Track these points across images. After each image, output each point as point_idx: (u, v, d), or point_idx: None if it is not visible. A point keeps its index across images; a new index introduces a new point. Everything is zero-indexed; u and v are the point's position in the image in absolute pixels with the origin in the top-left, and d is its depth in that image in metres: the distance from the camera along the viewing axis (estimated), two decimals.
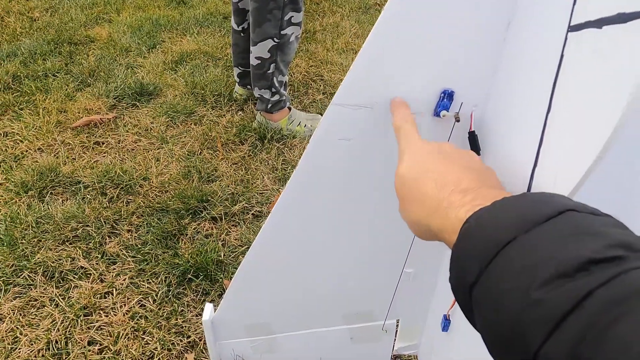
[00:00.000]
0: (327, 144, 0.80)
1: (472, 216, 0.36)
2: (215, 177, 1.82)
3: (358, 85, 0.76)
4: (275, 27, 1.83)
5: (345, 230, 0.91)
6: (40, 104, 2.14)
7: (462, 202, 0.39)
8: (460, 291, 0.35)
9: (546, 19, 0.60)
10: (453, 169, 0.45)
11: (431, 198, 0.43)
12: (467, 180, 0.42)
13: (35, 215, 1.60)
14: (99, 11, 3.01)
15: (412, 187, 0.46)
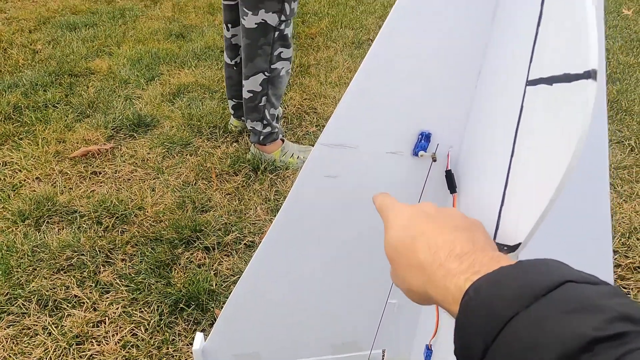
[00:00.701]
0: (314, 181, 0.86)
1: (471, 288, 0.35)
2: (209, 207, 1.86)
3: (343, 127, 0.82)
4: (266, 61, 1.90)
5: (332, 262, 0.95)
6: (40, 134, 2.19)
7: (460, 269, 0.38)
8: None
9: (509, 72, 0.66)
10: (442, 231, 0.44)
11: (426, 265, 0.42)
12: (460, 244, 0.41)
13: (31, 244, 1.63)
14: (100, 44, 3.11)
15: (404, 253, 0.45)
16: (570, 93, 0.50)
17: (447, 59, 0.76)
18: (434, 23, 0.73)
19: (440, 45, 0.75)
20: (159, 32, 3.31)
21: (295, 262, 0.95)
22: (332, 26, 3.61)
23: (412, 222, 0.47)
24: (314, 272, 0.97)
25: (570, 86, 0.50)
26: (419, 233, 0.45)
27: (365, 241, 0.92)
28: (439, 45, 0.75)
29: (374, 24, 3.69)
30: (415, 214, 0.49)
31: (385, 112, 0.81)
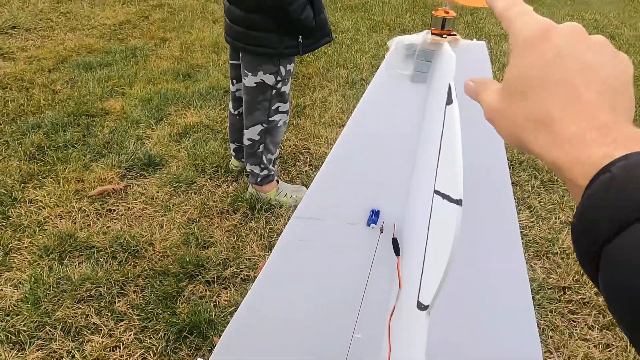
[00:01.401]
0: (291, 245, 1.10)
1: (614, 164, 0.31)
2: (210, 243, 2.11)
3: (313, 204, 1.07)
4: (264, 114, 2.17)
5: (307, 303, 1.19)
6: (61, 174, 2.46)
7: (602, 141, 0.33)
8: (585, 243, 0.31)
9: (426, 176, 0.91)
10: (589, 85, 0.35)
11: (557, 125, 0.35)
12: (606, 112, 0.34)
13: (56, 276, 1.88)
14: (114, 84, 3.39)
15: (531, 100, 0.37)
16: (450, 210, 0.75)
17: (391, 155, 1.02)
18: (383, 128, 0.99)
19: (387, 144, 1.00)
20: (167, 72, 3.60)
21: (279, 303, 1.20)
22: (328, 66, 3.89)
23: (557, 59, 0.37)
24: (295, 312, 1.21)
25: (451, 205, 0.75)
26: (560, 80, 0.36)
27: (332, 288, 1.17)
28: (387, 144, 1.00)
29: (367, 63, 3.97)
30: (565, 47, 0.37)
31: (346, 193, 1.06)
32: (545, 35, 0.38)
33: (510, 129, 0.39)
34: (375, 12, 5.19)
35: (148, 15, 4.75)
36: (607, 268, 0.30)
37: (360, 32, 4.64)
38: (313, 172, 2.63)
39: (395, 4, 5.49)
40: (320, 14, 2.00)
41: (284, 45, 1.98)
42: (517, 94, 0.38)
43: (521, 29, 0.39)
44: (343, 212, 1.07)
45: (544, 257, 2.15)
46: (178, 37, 4.26)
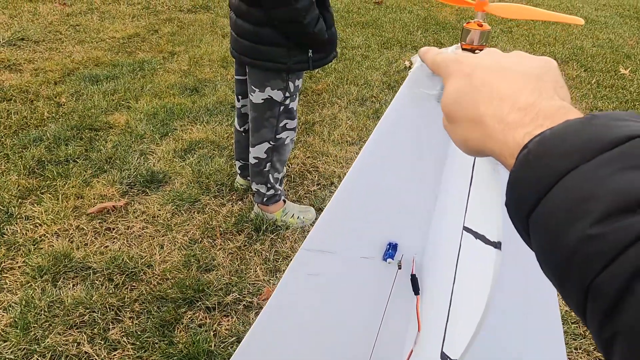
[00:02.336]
0: (299, 279, 1.00)
1: (531, 141, 0.33)
2: (212, 266, 2.00)
3: (323, 235, 0.96)
4: (272, 132, 2.07)
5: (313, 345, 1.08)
6: (60, 189, 2.37)
7: (522, 122, 0.36)
8: (516, 217, 0.34)
9: (454, 211, 0.80)
10: (507, 79, 0.40)
11: (485, 118, 0.39)
12: (525, 94, 0.38)
13: (48, 299, 1.78)
14: (119, 97, 3.33)
15: (464, 106, 0.42)
16: (485, 253, 0.64)
17: (411, 184, 0.91)
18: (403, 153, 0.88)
19: (407, 171, 0.90)
20: (174, 87, 3.53)
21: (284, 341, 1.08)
22: (338, 82, 3.81)
23: (476, 70, 0.43)
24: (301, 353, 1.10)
25: (486, 247, 0.65)
26: (481, 83, 0.42)
27: (343, 328, 1.05)
28: (406, 171, 0.90)
29: (378, 80, 3.89)
30: (480, 62, 0.44)
31: (360, 225, 0.95)
32: (459, 59, 0.46)
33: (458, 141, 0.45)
34: (386, 29, 5.13)
35: (157, 29, 4.71)
36: (534, 236, 0.32)
37: (371, 48, 4.57)
38: (321, 192, 2.53)
39: (406, 21, 5.43)
40: (331, 27, 1.92)
41: (293, 60, 1.90)
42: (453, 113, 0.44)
43: (444, 64, 0.48)
44: (357, 245, 0.96)
45: None
46: (187, 51, 4.21)
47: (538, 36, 5.31)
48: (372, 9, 5.84)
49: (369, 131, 3.12)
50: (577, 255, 0.28)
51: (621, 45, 5.25)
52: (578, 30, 5.62)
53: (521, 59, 0.43)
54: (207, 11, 5.36)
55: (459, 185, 0.77)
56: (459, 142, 0.45)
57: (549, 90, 0.39)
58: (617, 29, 5.77)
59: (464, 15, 5.68)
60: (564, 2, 6.76)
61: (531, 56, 0.43)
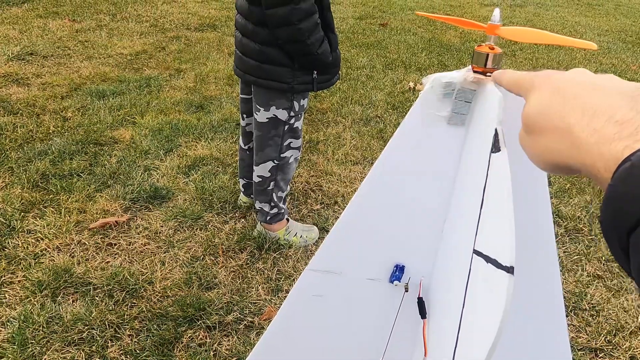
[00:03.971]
0: (303, 300, 0.98)
1: (634, 154, 0.32)
2: (214, 284, 1.98)
3: (329, 256, 0.95)
4: (276, 151, 2.07)
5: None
6: (63, 204, 2.36)
7: (620, 135, 0.34)
8: (614, 234, 0.32)
9: (463, 234, 0.79)
10: (602, 94, 0.39)
11: (576, 130, 0.37)
12: (622, 110, 0.36)
13: (47, 315, 1.76)
14: (125, 113, 3.34)
15: (551, 117, 0.41)
16: (497, 278, 0.63)
17: (419, 206, 0.90)
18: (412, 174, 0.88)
19: (415, 193, 0.89)
20: (180, 103, 3.56)
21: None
22: (342, 101, 3.83)
23: (566, 84, 0.42)
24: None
25: (498, 272, 0.63)
26: (573, 96, 0.40)
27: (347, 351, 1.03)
28: (414, 193, 0.89)
29: (383, 101, 3.91)
30: (569, 77, 0.43)
31: (366, 246, 0.94)
32: (549, 73, 0.46)
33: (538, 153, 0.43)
34: (390, 50, 5.18)
35: (165, 46, 4.77)
36: (635, 256, 0.30)
37: (375, 69, 4.61)
38: (325, 211, 2.52)
39: (411, 42, 5.49)
40: (335, 49, 1.94)
41: (297, 81, 1.91)
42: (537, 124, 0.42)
43: (529, 79, 0.47)
44: (363, 266, 0.95)
45: (571, 314, 1.99)
46: (193, 69, 4.25)
47: (542, 60, 5.35)
48: (377, 30, 5.91)
49: (373, 151, 3.12)
50: None
51: (624, 70, 5.28)
52: (581, 55, 5.67)
53: (613, 78, 0.42)
54: (214, 30, 5.43)
55: (469, 207, 0.76)
56: (538, 154, 0.43)
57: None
58: (620, 54, 5.81)
59: (468, 38, 5.74)
60: (567, 28, 6.84)
61: (624, 80, 0.42)
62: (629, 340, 1.87)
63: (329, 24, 1.88)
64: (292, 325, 1.02)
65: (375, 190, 0.89)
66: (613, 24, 7.30)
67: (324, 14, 1.84)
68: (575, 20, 7.31)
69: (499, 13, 0.72)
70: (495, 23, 0.72)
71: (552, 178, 2.94)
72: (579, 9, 8.18)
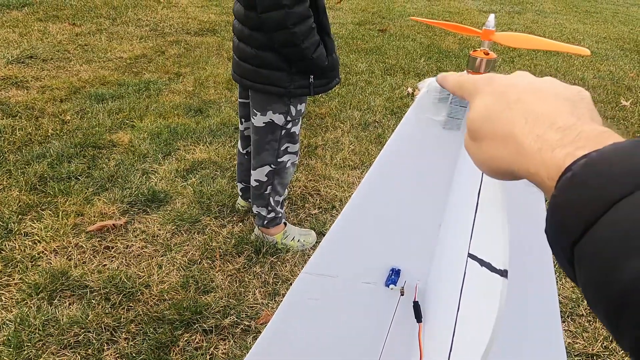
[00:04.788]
0: (299, 303, 0.98)
1: (575, 163, 0.31)
2: (210, 288, 1.98)
3: (325, 259, 0.95)
4: (273, 155, 2.08)
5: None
6: (61, 207, 2.36)
7: (562, 142, 0.33)
8: (557, 245, 0.31)
9: (457, 238, 0.79)
10: (542, 99, 0.38)
11: (520, 137, 0.37)
12: (563, 116, 0.36)
13: (43, 318, 1.75)
14: (124, 116, 3.35)
15: (495, 122, 0.40)
16: (491, 281, 0.63)
17: (415, 209, 0.90)
18: (408, 178, 0.88)
19: (410, 197, 0.89)
20: (179, 107, 3.56)
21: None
22: (341, 106, 3.84)
23: (509, 89, 0.41)
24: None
25: (492, 275, 0.64)
26: (515, 100, 0.40)
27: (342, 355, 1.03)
28: (410, 197, 0.89)
29: (381, 106, 3.92)
30: (511, 81, 0.43)
31: (363, 248, 0.94)
32: (491, 77, 0.45)
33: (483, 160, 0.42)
34: (389, 56, 5.20)
35: (164, 51, 4.78)
36: (580, 267, 0.29)
37: (374, 74, 4.62)
38: (322, 215, 2.52)
39: (409, 48, 5.51)
40: (332, 53, 1.94)
41: (294, 85, 1.91)
42: (481, 130, 0.42)
43: (471, 82, 0.46)
44: (359, 270, 0.95)
45: (568, 319, 1.99)
46: (192, 73, 4.26)
47: (540, 67, 5.37)
48: (376, 36, 5.93)
49: (371, 156, 3.13)
50: (632, 294, 0.25)
51: (622, 78, 5.30)
52: (579, 62, 5.69)
53: (555, 83, 0.42)
54: (213, 34, 5.45)
55: (464, 211, 0.77)
56: (483, 161, 0.42)
57: (586, 116, 0.37)
58: (618, 62, 5.84)
59: (467, 44, 5.76)
60: (565, 34, 6.87)
61: (564, 83, 0.42)
62: None
63: (325, 27, 1.89)
64: (288, 329, 1.02)
65: (371, 194, 0.89)
66: (611, 31, 7.34)
67: (319, 17, 1.85)
68: (574, 28, 7.35)
69: (494, 19, 0.72)
70: (489, 29, 0.73)
71: None
72: (577, 17, 8.22)
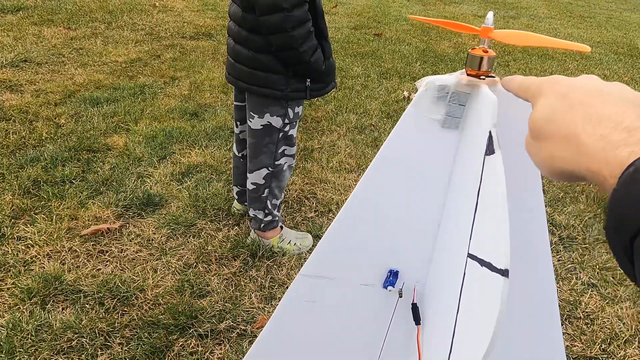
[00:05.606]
0: (296, 305, 0.97)
1: (639, 160, 0.32)
2: (206, 292, 1.96)
3: (322, 261, 0.94)
4: (270, 158, 2.06)
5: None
6: (55, 210, 2.34)
7: (626, 142, 0.34)
8: (618, 240, 0.31)
9: (457, 237, 0.78)
10: (609, 101, 0.39)
11: (583, 137, 0.37)
12: (631, 117, 0.36)
13: (36, 323, 1.73)
14: (119, 120, 3.33)
15: (558, 123, 0.40)
16: (492, 281, 0.62)
17: (413, 210, 0.89)
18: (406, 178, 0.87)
19: (408, 197, 0.88)
20: (174, 111, 3.55)
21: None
22: (337, 110, 3.84)
23: (573, 91, 0.42)
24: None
25: (492, 275, 0.63)
26: (579, 102, 0.40)
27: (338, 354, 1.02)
28: (408, 197, 0.88)
29: (377, 109, 3.92)
30: (576, 83, 0.43)
31: (361, 249, 0.93)
32: (556, 79, 0.45)
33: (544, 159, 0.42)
34: (385, 60, 5.21)
35: (160, 54, 4.77)
36: (638, 263, 0.29)
37: (370, 78, 4.63)
38: (319, 219, 2.51)
39: (405, 52, 5.52)
40: (329, 58, 1.93)
41: (291, 88, 1.90)
42: (543, 130, 0.42)
43: (537, 84, 0.47)
44: (357, 271, 0.94)
45: (566, 322, 1.98)
46: (188, 77, 4.24)
47: (535, 71, 5.39)
48: (372, 40, 5.95)
49: (367, 159, 3.12)
50: None
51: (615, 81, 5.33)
52: (574, 66, 5.73)
53: (623, 87, 0.42)
54: (209, 38, 5.44)
55: (463, 211, 0.76)
56: (544, 161, 0.42)
57: None
58: (612, 66, 5.88)
59: (462, 49, 5.78)
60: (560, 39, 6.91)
61: (630, 88, 0.42)
62: (624, 349, 1.86)
63: (323, 31, 1.88)
64: (285, 331, 1.00)
65: (369, 194, 0.88)
66: (605, 35, 7.39)
67: (317, 22, 1.84)
68: (568, 32, 7.39)
69: (492, 16, 0.72)
70: (488, 26, 0.72)
71: (546, 187, 2.95)
72: (571, 21, 8.28)
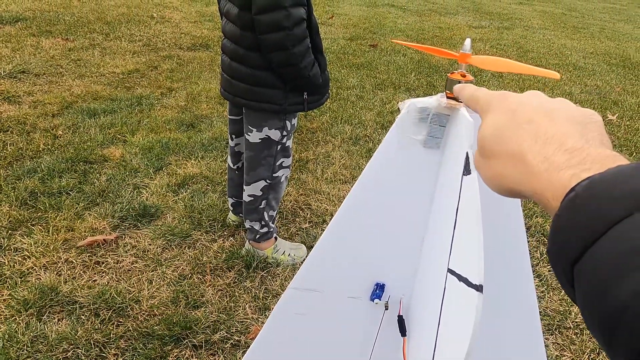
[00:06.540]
0: (286, 318, 0.99)
1: (579, 185, 0.32)
2: (201, 303, 1.98)
3: (311, 274, 0.97)
4: (269, 170, 2.10)
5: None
6: (51, 222, 2.36)
7: (569, 164, 0.34)
8: (559, 265, 0.32)
9: (439, 253, 0.82)
10: (555, 120, 0.39)
11: (528, 157, 0.38)
12: (574, 137, 0.37)
13: (32, 334, 1.75)
14: (116, 131, 3.36)
15: (505, 141, 0.41)
16: (468, 295, 0.65)
17: (399, 225, 0.93)
18: (391, 195, 0.90)
19: (394, 213, 0.92)
20: (171, 122, 3.58)
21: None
22: (332, 121, 3.88)
23: (521, 107, 0.42)
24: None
25: (468, 290, 0.66)
26: (526, 120, 0.40)
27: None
28: (394, 213, 0.92)
29: (372, 120, 3.96)
30: (525, 100, 0.43)
31: (348, 263, 0.96)
32: (505, 95, 0.46)
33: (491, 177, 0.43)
34: (380, 71, 5.27)
35: (157, 66, 4.81)
36: (579, 287, 0.29)
37: (365, 89, 4.68)
38: (313, 230, 2.54)
39: (400, 63, 5.59)
40: (324, 71, 1.99)
41: (289, 102, 1.95)
42: (491, 147, 0.43)
43: (486, 99, 0.48)
44: (344, 284, 0.97)
45: (556, 332, 2.01)
46: (185, 88, 4.29)
47: (528, 82, 5.46)
48: (367, 51, 6.01)
49: (361, 170, 3.14)
50: (628, 312, 0.25)
51: (609, 92, 5.40)
52: (567, 77, 5.80)
53: (567, 104, 0.42)
54: (206, 49, 5.49)
55: (444, 228, 0.79)
56: (492, 178, 0.43)
57: (596, 140, 0.37)
58: (605, 76, 5.95)
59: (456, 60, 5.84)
60: (553, 50, 7.00)
61: (576, 106, 0.42)
62: None
63: (318, 45, 1.93)
64: (275, 343, 1.03)
65: (355, 211, 0.92)
66: (598, 46, 7.48)
67: (313, 37, 1.89)
68: (562, 43, 7.48)
69: (470, 43, 0.76)
70: (466, 52, 0.76)
71: None
72: (565, 32, 8.38)
